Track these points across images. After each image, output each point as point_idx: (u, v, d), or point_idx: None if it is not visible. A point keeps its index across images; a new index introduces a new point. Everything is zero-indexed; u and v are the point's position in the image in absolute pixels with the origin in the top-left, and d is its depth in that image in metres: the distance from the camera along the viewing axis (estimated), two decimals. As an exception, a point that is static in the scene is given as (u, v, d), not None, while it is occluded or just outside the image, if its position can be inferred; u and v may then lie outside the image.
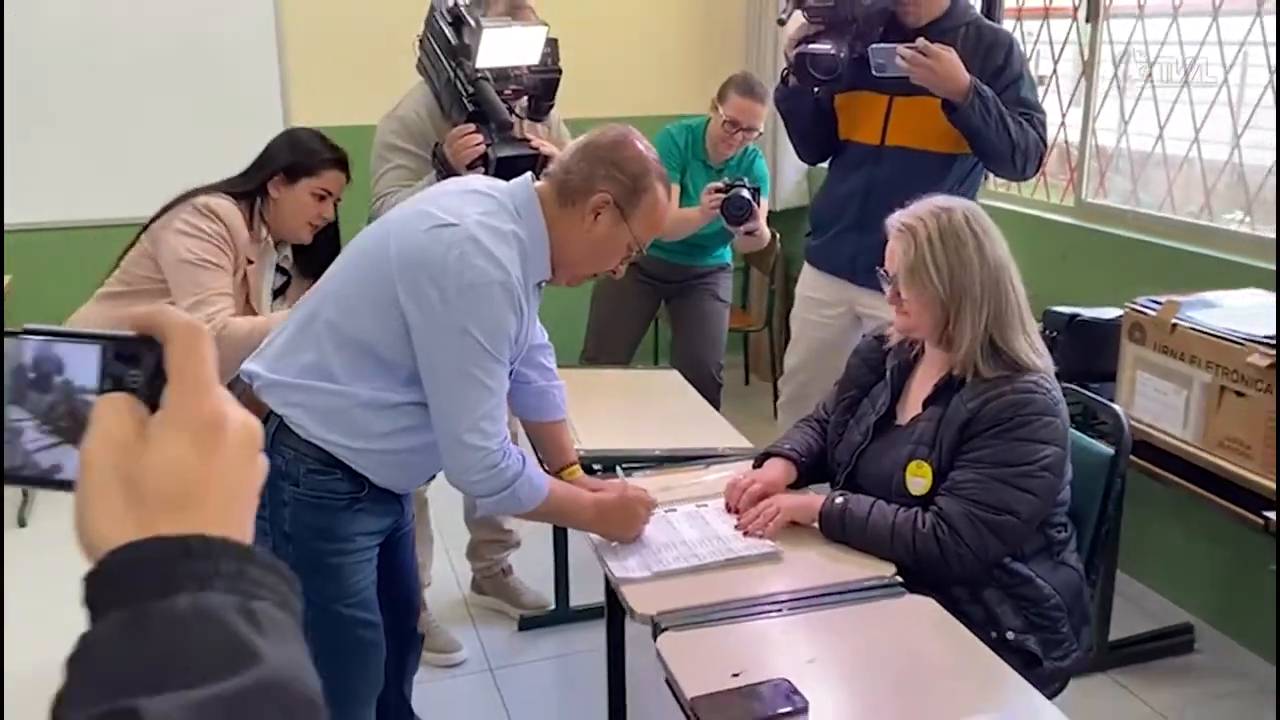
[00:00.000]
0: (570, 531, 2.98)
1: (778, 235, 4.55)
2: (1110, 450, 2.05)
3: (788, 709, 1.44)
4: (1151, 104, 3.22)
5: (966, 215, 1.89)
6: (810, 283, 3.03)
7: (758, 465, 2.13)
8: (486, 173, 2.37)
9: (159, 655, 0.45)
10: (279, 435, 1.80)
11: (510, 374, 1.84)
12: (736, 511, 2.00)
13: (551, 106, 2.71)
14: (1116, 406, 2.13)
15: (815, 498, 1.96)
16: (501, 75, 2.50)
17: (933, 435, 1.89)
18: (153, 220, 2.36)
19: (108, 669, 0.45)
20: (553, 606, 3.08)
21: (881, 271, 1.98)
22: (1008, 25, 3.71)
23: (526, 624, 3.05)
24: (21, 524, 3.63)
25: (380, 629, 1.95)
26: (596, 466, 2.26)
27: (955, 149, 2.70)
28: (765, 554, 1.86)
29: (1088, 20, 3.32)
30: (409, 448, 1.81)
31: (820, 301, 3.00)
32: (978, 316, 1.86)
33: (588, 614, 3.01)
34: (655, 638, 1.64)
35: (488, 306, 1.70)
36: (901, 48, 2.53)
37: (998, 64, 2.65)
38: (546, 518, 2.01)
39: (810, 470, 2.13)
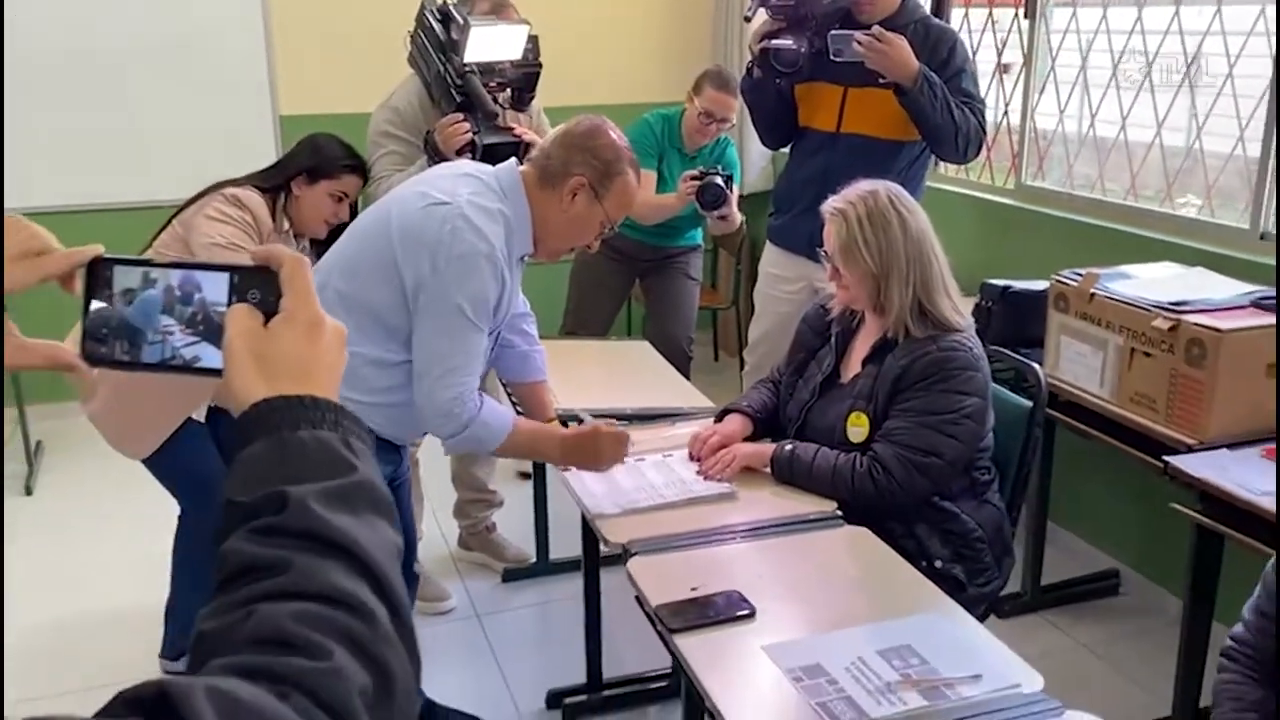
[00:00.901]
0: (550, 490, 3.24)
1: (744, 219, 4.80)
2: (1029, 403, 2.31)
3: (738, 613, 1.69)
4: (1084, 91, 3.48)
5: (890, 196, 2.14)
6: (772, 260, 3.29)
7: (718, 420, 2.38)
8: (473, 158, 2.58)
9: (293, 464, 0.70)
10: None
11: (495, 339, 2.08)
12: (698, 459, 2.25)
13: (533, 98, 2.94)
14: (1036, 365, 2.38)
15: (768, 446, 2.21)
16: (487, 69, 2.73)
17: (870, 390, 2.15)
18: (184, 207, 2.54)
19: (259, 471, 0.70)
20: (534, 560, 3.32)
21: (821, 251, 2.23)
22: (956, 15, 3.97)
23: (510, 576, 3.30)
24: (28, 492, 3.84)
25: None
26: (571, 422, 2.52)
27: (905, 136, 2.96)
28: (722, 494, 2.11)
29: (1026, 16, 3.57)
30: (408, 401, 2.05)
31: (781, 278, 3.25)
32: (904, 285, 2.11)
33: (566, 566, 3.26)
34: (626, 562, 1.89)
35: (473, 276, 1.95)
36: (858, 34, 2.78)
37: (942, 58, 2.90)
38: (515, 452, 2.25)
39: (765, 424, 2.38)
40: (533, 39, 2.81)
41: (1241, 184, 3.09)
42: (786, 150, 3.32)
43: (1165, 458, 2.34)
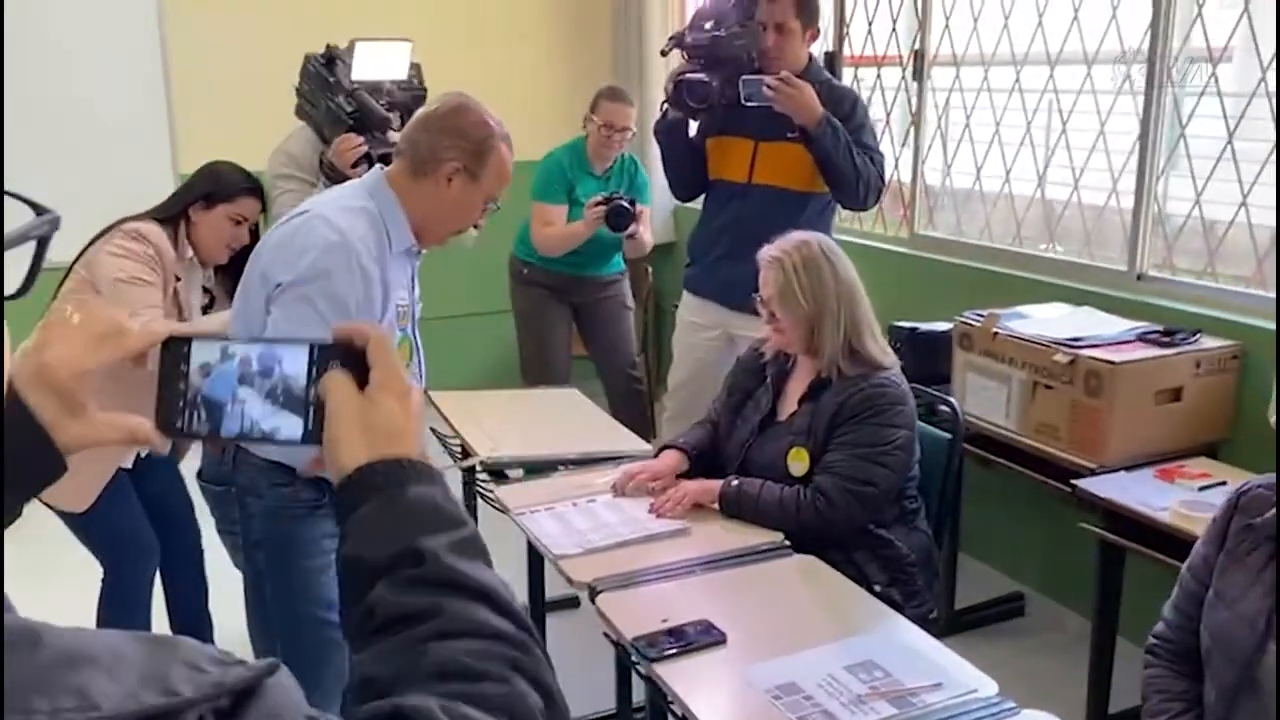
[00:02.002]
0: (487, 536, 3.27)
1: (649, 268, 4.95)
2: (949, 435, 2.49)
3: (709, 640, 1.79)
4: (969, 146, 3.75)
5: (821, 246, 2.33)
6: (689, 308, 3.42)
7: (656, 456, 2.49)
8: (370, 168, 2.67)
9: (413, 520, 0.77)
10: (240, 457, 2.00)
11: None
12: (621, 493, 2.36)
13: None
14: (953, 399, 2.57)
15: (715, 482, 2.32)
16: (374, 89, 2.82)
17: (808, 425, 2.29)
18: (85, 249, 2.53)
19: (382, 530, 0.77)
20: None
21: (756, 297, 2.37)
22: (847, 73, 4.23)
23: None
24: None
25: (336, 629, 2.11)
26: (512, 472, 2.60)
27: (812, 188, 3.14)
28: (676, 530, 2.21)
29: (914, 79, 3.83)
30: None
31: (698, 325, 3.39)
32: (836, 328, 2.28)
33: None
34: (593, 600, 1.96)
35: (323, 267, 1.88)
36: (768, 78, 2.95)
37: (844, 113, 3.09)
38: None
39: (700, 462, 2.48)
40: (415, 66, 2.91)
41: (1111, 231, 3.38)
42: (691, 205, 3.49)
43: (1072, 481, 2.55)
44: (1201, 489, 2.41)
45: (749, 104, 2.97)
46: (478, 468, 2.59)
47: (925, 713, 1.60)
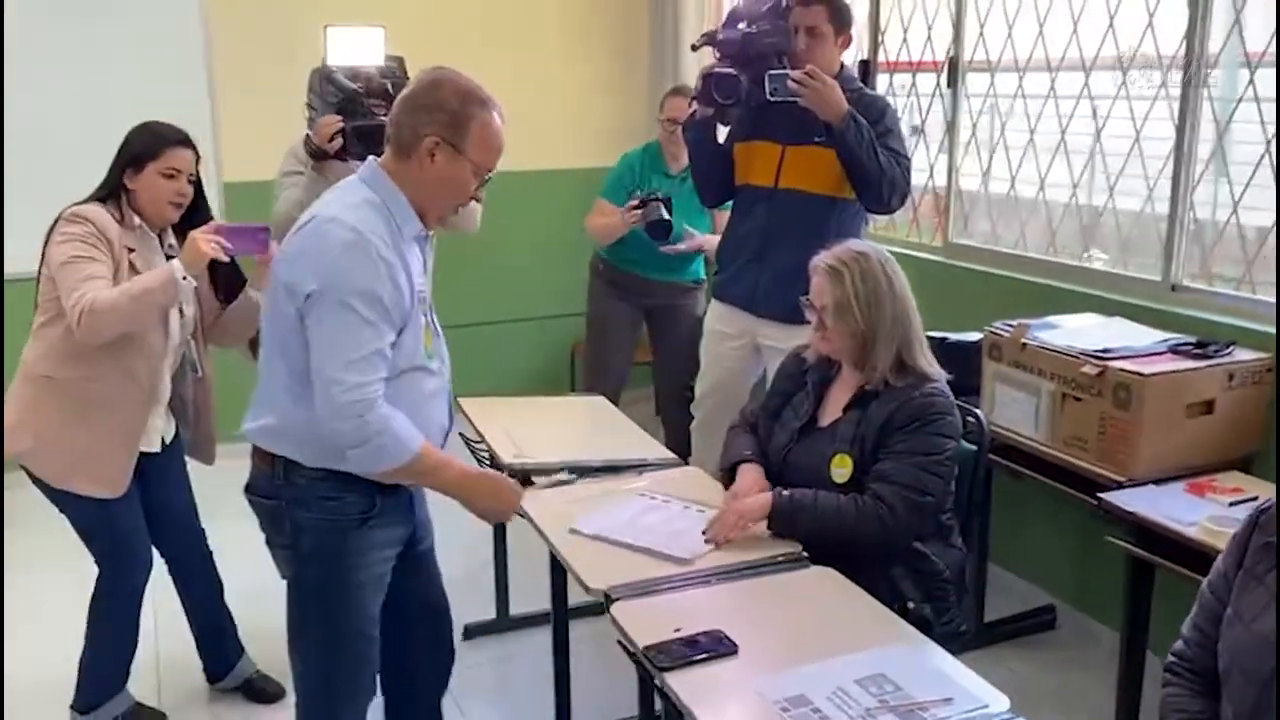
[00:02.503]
0: (510, 543, 3.31)
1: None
2: (974, 447, 2.46)
3: (721, 650, 1.79)
4: (1004, 153, 3.72)
5: (880, 260, 2.30)
6: (717, 315, 3.41)
7: (730, 474, 2.45)
8: (345, 144, 2.77)
9: None
10: (289, 469, 2.00)
11: (400, 331, 1.97)
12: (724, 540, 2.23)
13: None
14: (979, 410, 2.54)
15: (765, 496, 2.26)
16: (353, 75, 2.87)
17: (853, 434, 2.28)
18: (43, 251, 2.56)
19: None
20: (494, 616, 3.37)
21: (806, 301, 2.35)
22: (881, 79, 4.21)
23: (470, 633, 3.33)
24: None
25: (376, 645, 2.15)
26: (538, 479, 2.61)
27: (839, 193, 3.12)
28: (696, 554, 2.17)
29: (949, 85, 3.81)
30: None
31: (725, 334, 3.38)
32: (889, 344, 2.27)
33: (526, 622, 3.32)
34: (607, 608, 1.97)
35: (348, 266, 1.87)
36: (793, 72, 2.93)
37: (873, 119, 3.05)
38: (415, 476, 2.05)
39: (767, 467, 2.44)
40: (398, 58, 2.95)
41: (1148, 239, 3.32)
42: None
43: (1098, 494, 2.51)
44: (1232, 504, 2.37)
45: (774, 99, 2.94)
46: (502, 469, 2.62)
47: (934, 728, 1.58)
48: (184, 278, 2.44)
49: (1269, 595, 1.60)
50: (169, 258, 2.64)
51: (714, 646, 1.80)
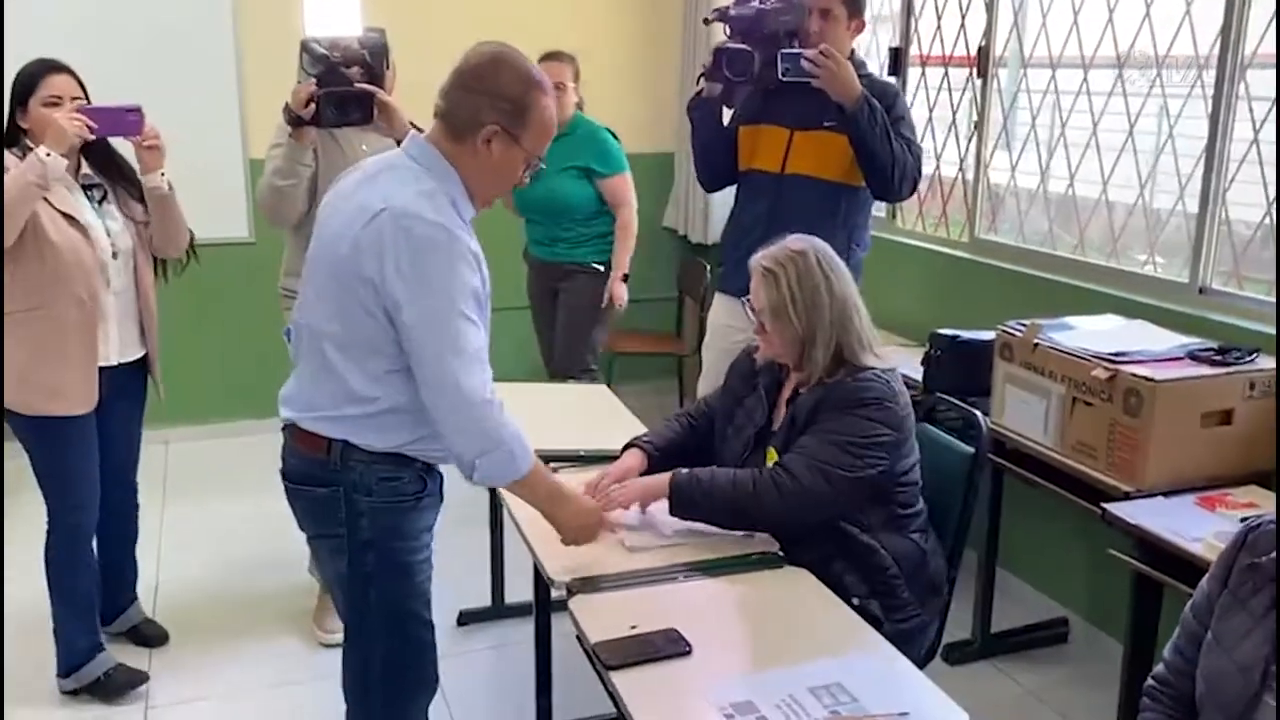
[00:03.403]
0: (506, 531, 3.26)
1: (707, 267, 4.88)
2: (971, 450, 2.36)
3: (674, 650, 1.72)
4: (1034, 148, 3.59)
5: (818, 257, 2.19)
6: (722, 309, 3.25)
7: (621, 454, 2.40)
8: (320, 110, 2.76)
9: None
10: (346, 453, 1.93)
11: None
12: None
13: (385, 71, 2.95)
14: (977, 413, 2.42)
15: (665, 475, 2.18)
16: (331, 45, 2.84)
17: (788, 426, 2.20)
18: None
19: None
20: (489, 603, 3.33)
21: (746, 301, 2.27)
22: (913, 74, 4.09)
23: (464, 619, 3.30)
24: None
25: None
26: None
27: (848, 179, 3.00)
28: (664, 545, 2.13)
29: (979, 76, 3.68)
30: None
31: (731, 328, 3.19)
32: (826, 347, 2.17)
33: (522, 610, 3.27)
34: (566, 601, 1.91)
35: (445, 268, 1.80)
36: (807, 51, 2.82)
37: (886, 105, 2.94)
38: (524, 487, 1.97)
39: (666, 459, 2.35)
40: (383, 46, 2.90)
41: (1184, 238, 3.18)
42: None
43: (1103, 505, 2.40)
44: (1243, 519, 2.22)
45: (786, 79, 2.84)
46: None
47: (884, 743, 1.50)
48: (48, 154, 2.54)
49: (1252, 621, 1.50)
50: (93, 186, 2.79)
51: (667, 646, 1.73)
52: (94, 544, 2.91)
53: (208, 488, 4.36)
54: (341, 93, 2.76)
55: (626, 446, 2.43)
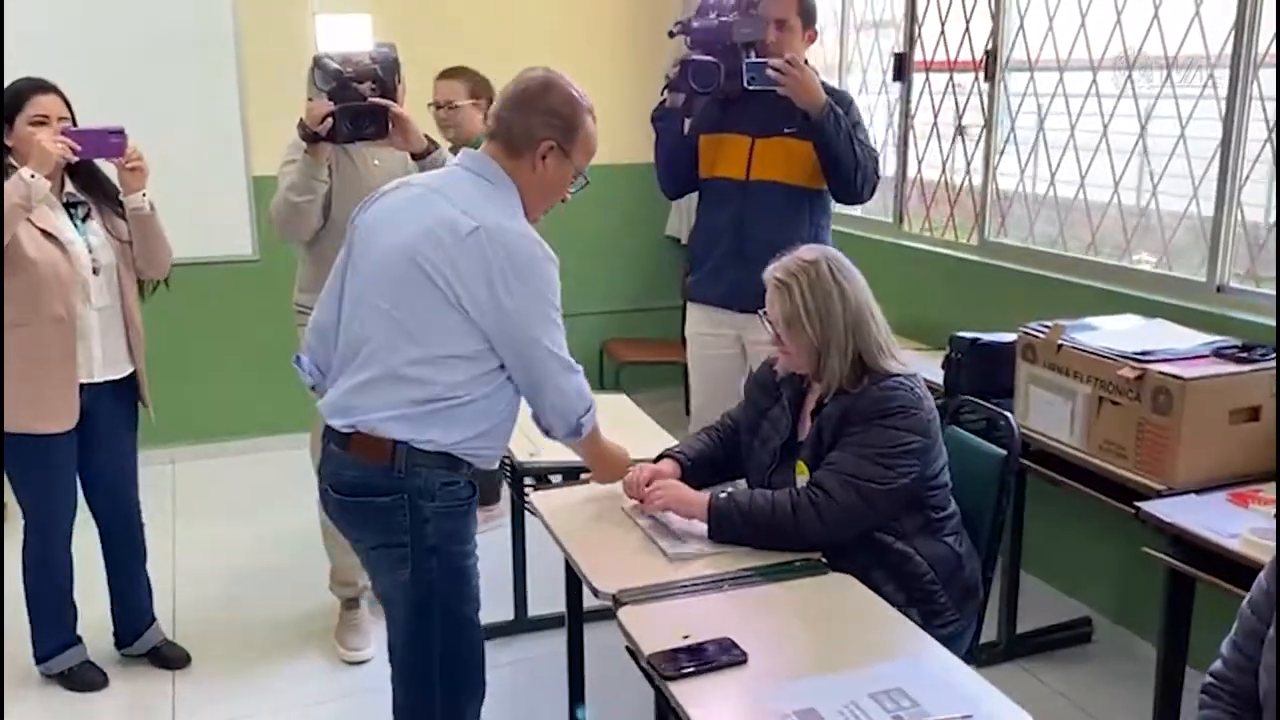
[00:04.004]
0: (528, 544, 3.26)
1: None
2: (1003, 452, 2.36)
3: (730, 659, 1.71)
4: (1044, 151, 3.61)
5: (830, 266, 2.20)
6: (699, 319, 3.30)
7: (655, 462, 2.40)
8: (335, 125, 2.75)
9: None
10: (411, 458, 1.97)
11: None
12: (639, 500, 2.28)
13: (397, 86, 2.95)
14: (1007, 414, 2.43)
15: (703, 495, 2.19)
16: (344, 61, 2.85)
17: (815, 439, 2.20)
18: None
19: None
20: (511, 617, 3.31)
21: (763, 315, 2.28)
22: (917, 78, 4.11)
23: (488, 634, 3.26)
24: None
25: (483, 633, 2.18)
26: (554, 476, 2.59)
27: (811, 183, 3.09)
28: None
29: (987, 79, 3.70)
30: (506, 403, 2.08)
31: (711, 336, 3.27)
32: (843, 355, 2.17)
33: (544, 624, 3.26)
34: (616, 612, 1.90)
35: (546, 282, 1.98)
36: (772, 60, 2.92)
37: (843, 110, 3.02)
38: (587, 443, 2.19)
39: (696, 473, 2.38)
40: (395, 61, 2.90)
41: (1192, 240, 3.21)
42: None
43: (1136, 503, 2.40)
44: (1278, 515, 2.25)
45: (751, 87, 2.93)
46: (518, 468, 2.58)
47: (951, 746, 1.50)
48: (32, 175, 2.59)
49: (1314, 614, 1.50)
50: (76, 204, 2.81)
51: (723, 655, 1.72)
52: (74, 554, 2.96)
53: (217, 507, 4.34)
54: (356, 108, 2.76)
55: (660, 457, 2.43)
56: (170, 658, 3.18)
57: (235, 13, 4.55)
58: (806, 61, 3.08)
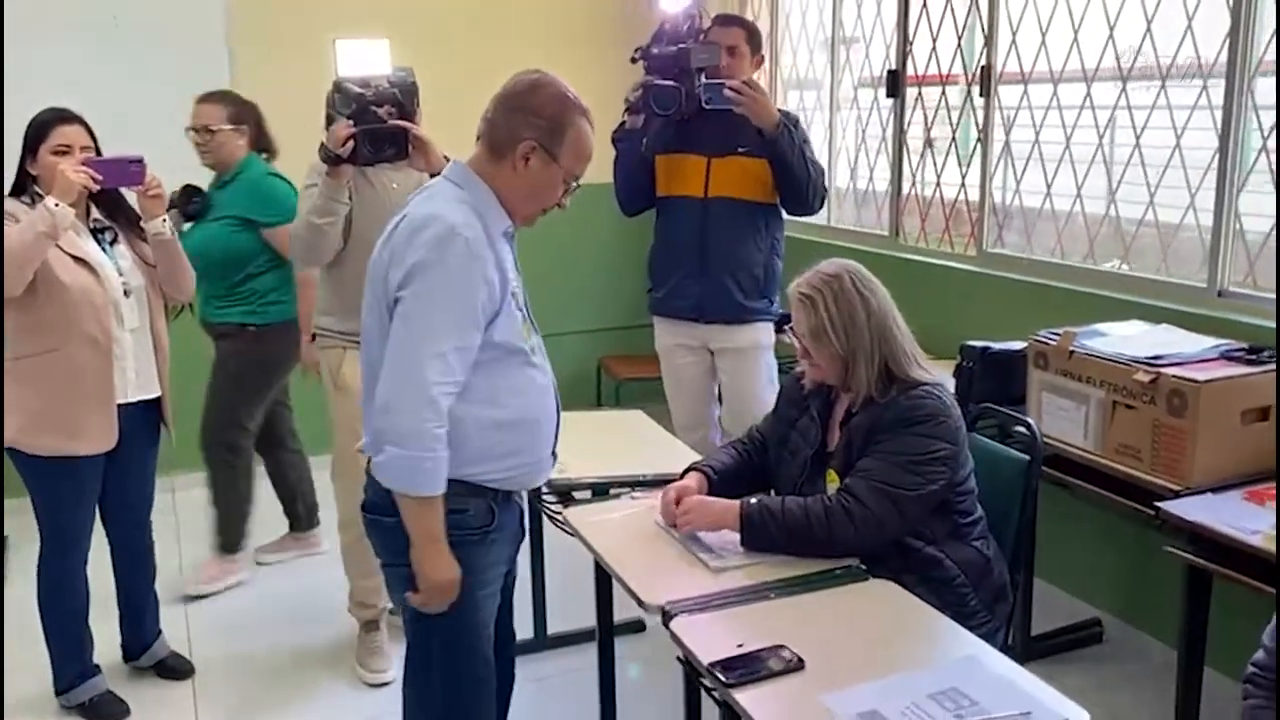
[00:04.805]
0: (546, 562, 3.28)
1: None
2: (1026, 457, 2.42)
3: (787, 666, 1.75)
4: (1039, 164, 3.69)
5: (853, 279, 2.25)
6: (667, 332, 3.54)
7: (681, 477, 2.43)
8: (357, 148, 2.79)
9: None
10: None
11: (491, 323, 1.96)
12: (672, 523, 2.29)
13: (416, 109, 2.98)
14: (1030, 419, 2.50)
15: (733, 505, 2.22)
16: (363, 84, 2.90)
17: (845, 448, 2.25)
18: None
19: None
20: (531, 635, 3.33)
21: (789, 329, 2.35)
22: (910, 92, 4.19)
23: (507, 652, 3.29)
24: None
25: (494, 668, 2.14)
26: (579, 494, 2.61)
27: (766, 198, 3.37)
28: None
29: (981, 94, 3.78)
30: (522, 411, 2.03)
31: (681, 347, 3.52)
32: (870, 364, 2.22)
33: (565, 640, 3.28)
34: (666, 623, 1.93)
35: (435, 258, 1.87)
36: (729, 82, 3.17)
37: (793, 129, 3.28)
38: (414, 514, 1.94)
39: (724, 486, 2.40)
40: (413, 84, 2.94)
41: (1189, 250, 3.29)
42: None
43: (1156, 504, 2.46)
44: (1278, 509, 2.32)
45: (709, 107, 3.16)
46: (543, 489, 2.59)
47: (1015, 743, 1.54)
48: (56, 205, 2.63)
49: (1358, 603, 1.56)
50: (102, 230, 2.87)
51: (780, 662, 1.75)
52: (88, 574, 2.97)
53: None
54: (377, 130, 2.80)
55: (687, 470, 2.46)
56: (176, 669, 3.23)
57: (227, 37, 4.55)
58: (756, 83, 3.33)
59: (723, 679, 1.71)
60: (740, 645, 1.81)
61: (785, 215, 3.47)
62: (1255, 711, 1.69)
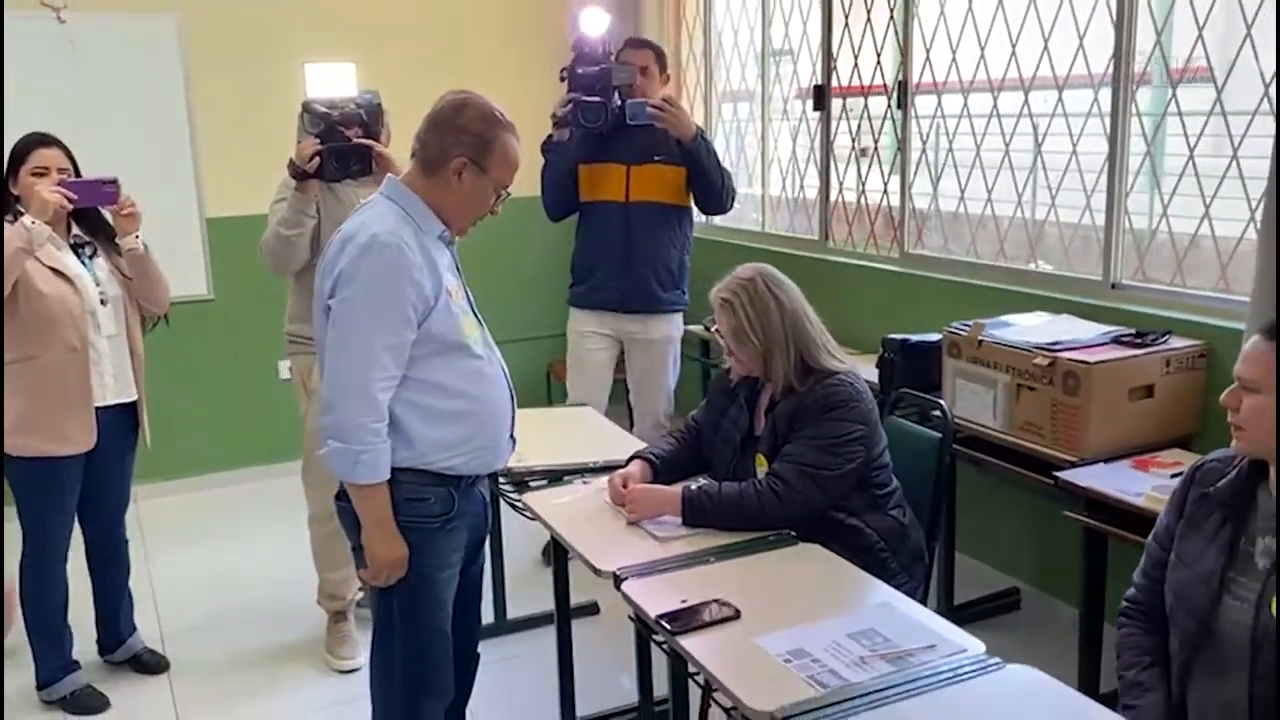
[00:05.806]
0: (505, 546, 3.49)
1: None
2: (939, 435, 2.69)
3: (725, 615, 1.98)
4: (953, 170, 3.99)
5: (765, 280, 2.51)
6: (584, 321, 3.96)
7: (626, 464, 2.68)
8: (323, 164, 3.02)
9: None
10: None
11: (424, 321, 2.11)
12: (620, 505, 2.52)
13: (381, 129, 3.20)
14: (941, 401, 2.77)
15: (674, 490, 2.47)
16: (331, 105, 3.13)
17: (771, 433, 2.50)
18: None
19: None
20: (492, 619, 3.53)
21: (714, 331, 2.61)
22: (836, 104, 4.48)
23: (470, 636, 3.49)
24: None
25: (450, 639, 2.32)
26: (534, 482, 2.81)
27: (680, 201, 3.86)
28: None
29: (899, 107, 4.07)
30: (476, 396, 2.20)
31: (594, 334, 3.94)
32: (786, 357, 2.48)
33: (525, 624, 3.49)
34: (618, 586, 2.16)
35: (365, 265, 2.04)
36: (652, 99, 3.67)
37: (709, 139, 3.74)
38: (362, 500, 2.12)
39: (668, 468, 2.66)
40: (378, 106, 3.17)
41: (1087, 247, 3.60)
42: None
43: (1055, 473, 2.75)
44: (1173, 475, 2.60)
45: (633, 122, 3.60)
46: (501, 479, 2.80)
47: (920, 669, 1.79)
48: (32, 222, 2.82)
49: (1206, 541, 1.84)
50: (83, 245, 3.05)
51: (719, 613, 1.99)
52: (67, 569, 3.14)
53: (186, 539, 4.46)
54: (342, 147, 3.00)
55: (631, 458, 2.70)
56: (150, 664, 3.40)
57: (184, 59, 4.70)
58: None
59: (668, 628, 1.95)
60: (684, 600, 2.04)
61: (700, 216, 3.95)
62: (1127, 639, 1.97)
